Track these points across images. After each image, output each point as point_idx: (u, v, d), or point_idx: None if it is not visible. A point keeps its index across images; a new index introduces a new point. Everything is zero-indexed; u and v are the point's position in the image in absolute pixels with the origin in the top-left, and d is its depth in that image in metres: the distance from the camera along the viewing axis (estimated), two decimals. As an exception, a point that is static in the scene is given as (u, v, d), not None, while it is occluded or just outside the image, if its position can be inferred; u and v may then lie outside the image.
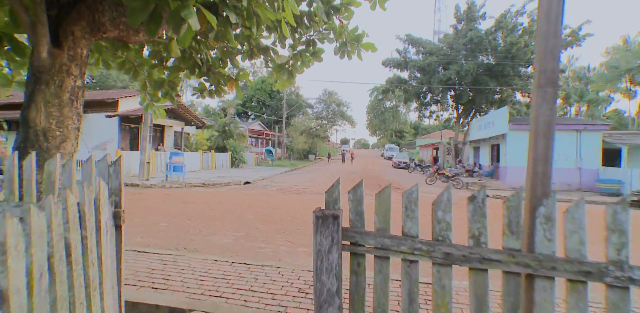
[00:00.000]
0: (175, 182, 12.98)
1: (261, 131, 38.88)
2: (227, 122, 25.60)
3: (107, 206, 1.83)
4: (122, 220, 1.92)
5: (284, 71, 4.45)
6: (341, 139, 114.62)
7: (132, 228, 6.06)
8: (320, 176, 20.62)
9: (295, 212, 7.98)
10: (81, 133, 10.01)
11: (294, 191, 12.94)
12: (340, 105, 45.44)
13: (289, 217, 7.38)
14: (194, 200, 9.37)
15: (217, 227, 6.31)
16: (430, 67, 22.47)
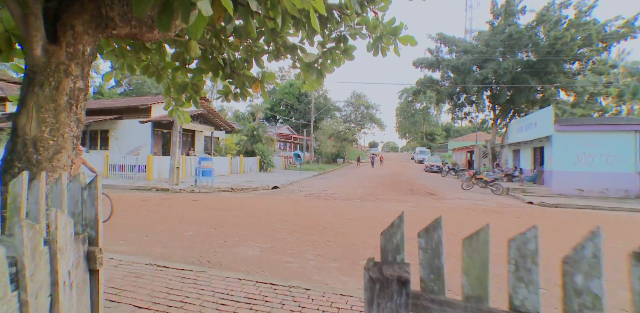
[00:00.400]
0: (204, 187, 12.94)
1: (289, 134, 38.91)
2: (255, 126, 25.69)
3: (71, 248, 1.36)
4: (99, 262, 1.50)
5: (313, 70, 4.02)
6: (369, 142, 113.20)
7: (155, 236, 5.86)
8: (350, 181, 20.08)
9: (325, 221, 7.53)
10: (116, 138, 10.19)
11: (323, 197, 12.51)
12: (369, 107, 44.71)
13: (318, 227, 6.94)
14: (221, 206, 9.17)
15: (243, 237, 5.98)
16: (464, 66, 21.37)
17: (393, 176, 24.78)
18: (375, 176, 23.82)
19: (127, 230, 6.23)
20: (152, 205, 8.90)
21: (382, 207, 10.16)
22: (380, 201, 11.79)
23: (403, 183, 19.32)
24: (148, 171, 14.07)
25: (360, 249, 5.51)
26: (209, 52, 3.84)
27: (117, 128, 20.53)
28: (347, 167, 36.71)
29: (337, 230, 6.78)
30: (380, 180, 20.81)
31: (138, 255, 4.81)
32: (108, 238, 5.68)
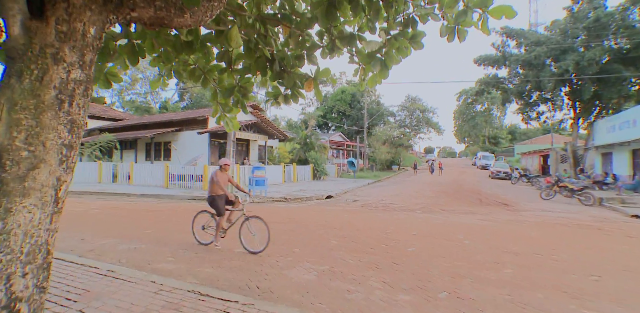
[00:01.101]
0: (258, 197, 12.69)
1: (342, 142, 38.30)
2: (308, 134, 25.46)
3: None
4: None
5: (375, 61, 3.25)
6: (425, 147, 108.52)
7: (205, 253, 5.44)
8: (408, 189, 18.73)
9: (387, 238, 6.61)
10: (175, 149, 9.94)
11: (381, 207, 11.53)
12: (424, 111, 42.53)
13: (380, 245, 6.05)
14: (274, 218, 8.67)
15: (297, 257, 5.32)
16: (537, 60, 18.98)
17: (455, 183, 22.81)
18: (436, 184, 22.09)
19: (178, 245, 5.92)
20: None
21: (451, 220, 8.94)
22: (446, 213, 10.51)
23: (468, 192, 17.51)
24: (204, 181, 14.26)
25: (434, 275, 4.55)
26: (253, 43, 3.25)
27: (178, 140, 21.53)
28: (403, 174, 34.96)
29: (402, 248, 5.85)
30: (442, 188, 19.15)
31: (184, 277, 4.37)
32: (158, 253, 5.38)
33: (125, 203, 11.03)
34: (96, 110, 29.06)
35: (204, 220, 6.05)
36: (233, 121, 4.49)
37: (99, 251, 5.52)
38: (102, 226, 7.34)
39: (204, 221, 6.04)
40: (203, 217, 6.08)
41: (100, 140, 19.30)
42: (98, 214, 8.82)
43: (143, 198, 12.59)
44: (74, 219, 8.12)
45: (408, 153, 46.76)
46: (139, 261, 4.99)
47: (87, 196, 12.75)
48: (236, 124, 4.54)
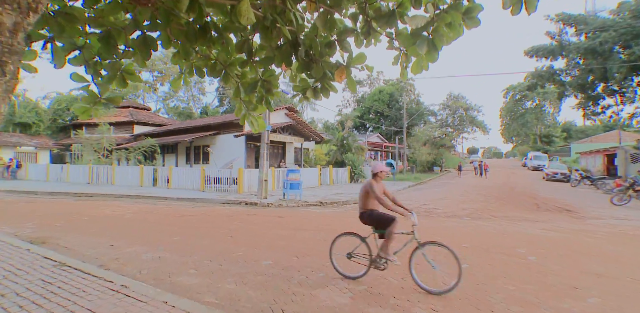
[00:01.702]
0: (292, 201, 12.24)
1: (380, 143, 37.13)
2: (344, 135, 24.79)
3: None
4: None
5: (422, 41, 2.55)
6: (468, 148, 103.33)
7: (229, 265, 4.97)
8: (452, 193, 17.39)
9: (434, 250, 5.77)
10: (211, 152, 9.43)
11: (424, 213, 10.58)
12: (468, 109, 40.06)
13: (426, 260, 5.25)
14: (307, 225, 8.11)
15: (329, 273, 4.69)
16: (603, 46, 16.83)
17: (505, 186, 20.96)
18: (483, 187, 20.42)
19: (203, 254, 5.52)
20: (236, 222, 8.33)
21: (506, 229, 7.83)
22: (498, 219, 9.36)
23: (522, 195, 15.87)
24: (239, 185, 14.09)
25: (497, 303, 3.72)
26: (269, 21, 2.68)
27: (215, 143, 21.80)
28: (446, 176, 33.06)
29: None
30: (491, 192, 17.58)
31: (203, 294, 3.90)
32: (181, 264, 5.00)
33: (161, 207, 11.04)
34: (142, 116, 30.50)
35: (348, 244, 4.65)
36: (258, 121, 4.03)
37: (123, 260, 5.25)
38: (133, 232, 7.19)
39: (350, 246, 4.61)
40: (347, 241, 4.67)
41: (142, 145, 19.99)
42: (133, 219, 8.79)
43: (179, 201, 12.62)
44: (109, 224, 8.11)
45: (450, 154, 44.40)
46: (160, 273, 4.62)
47: (126, 200, 13.04)
48: (262, 124, 4.07)
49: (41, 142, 27.13)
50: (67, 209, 10.50)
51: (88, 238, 6.65)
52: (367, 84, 50.73)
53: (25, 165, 22.29)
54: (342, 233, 4.76)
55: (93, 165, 18.76)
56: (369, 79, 50.24)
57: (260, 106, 3.88)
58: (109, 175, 17.95)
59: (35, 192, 15.25)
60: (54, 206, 11.16)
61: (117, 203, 11.90)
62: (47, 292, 3.68)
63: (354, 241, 4.59)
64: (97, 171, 18.46)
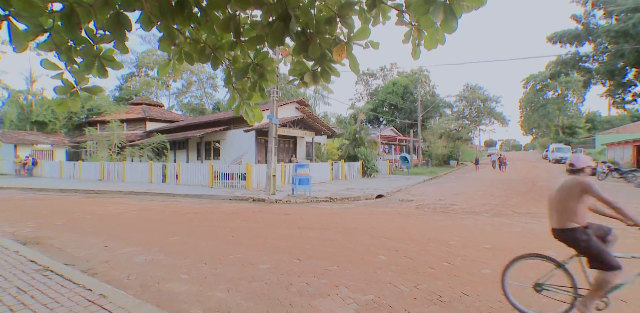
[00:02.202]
0: (301, 197, 11.79)
1: (394, 136, 36.24)
2: (357, 129, 24.13)
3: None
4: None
5: (437, 7, 1.95)
6: (485, 140, 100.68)
7: (224, 269, 4.55)
8: (470, 187, 16.61)
9: (451, 252, 5.21)
10: (219, 147, 9.07)
11: (440, 209, 9.96)
12: (486, 100, 38.55)
13: (442, 263, 4.70)
14: (314, 223, 7.64)
15: (333, 278, 4.20)
16: (637, 28, 15.56)
17: (526, 179, 19.97)
18: (502, 181, 19.51)
19: (199, 256, 5.12)
20: (239, 220, 7.93)
21: (531, 228, 7.16)
22: (520, 216, 8.66)
23: (545, 190, 14.95)
24: (247, 180, 13.74)
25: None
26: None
27: (226, 139, 21.54)
28: (463, 170, 32.02)
29: (473, 270, 4.44)
30: (511, 186, 16.72)
31: (190, 304, 3.49)
32: (173, 268, 4.62)
33: (166, 204, 10.79)
34: (154, 113, 30.60)
35: (533, 270, 3.50)
36: (254, 111, 3.55)
37: (114, 262, 4.91)
38: (132, 231, 6.89)
39: (536, 273, 3.35)
40: (530, 266, 3.44)
41: (152, 141, 19.91)
42: (135, 217, 8.52)
43: (186, 198, 12.37)
44: (110, 222, 7.85)
45: (467, 147, 43.05)
46: (148, 279, 4.24)
47: (133, 197, 12.87)
48: (258, 114, 3.58)
49: (57, 140, 27.55)
50: (72, 207, 10.36)
51: (84, 238, 6.37)
52: (381, 76, 49.62)
53: (40, 163, 22.62)
54: (522, 256, 3.33)
55: (104, 162, 18.79)
56: (382, 71, 49.08)
57: (255, 95, 3.42)
58: (119, 172, 17.93)
59: (47, 189, 15.31)
60: (60, 204, 11.06)
61: (123, 200, 11.73)
62: (16, 303, 3.33)
63: (545, 267, 3.26)
64: (108, 168, 18.48)
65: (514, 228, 7.06)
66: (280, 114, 21.39)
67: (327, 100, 45.34)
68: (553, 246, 5.64)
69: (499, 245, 5.65)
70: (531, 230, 6.95)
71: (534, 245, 5.66)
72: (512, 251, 5.34)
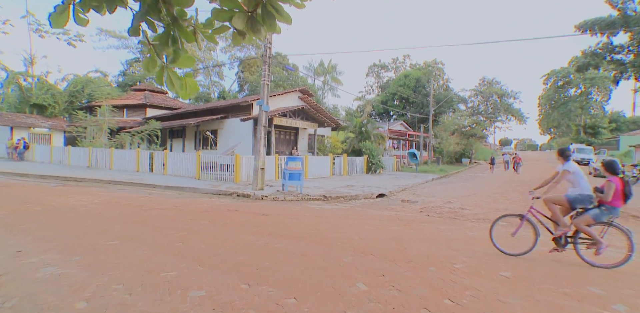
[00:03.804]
0: (291, 193, 10.54)
1: (403, 131, 34.56)
2: (363, 122, 22.66)
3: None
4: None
5: None
6: (500, 139, 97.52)
7: (139, 298, 3.30)
8: (482, 188, 15.10)
9: (456, 280, 3.86)
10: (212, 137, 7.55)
11: (447, 213, 8.58)
12: (503, 96, 36.34)
13: (443, 301, 3.35)
14: (289, 229, 6.36)
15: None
16: (685, 13, 13.65)
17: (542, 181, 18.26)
18: (519, 182, 17.89)
19: (123, 272, 3.89)
20: (204, 221, 6.70)
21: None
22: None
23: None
24: (236, 173, 12.53)
25: None
26: None
27: (223, 127, 20.38)
28: (476, 169, 30.28)
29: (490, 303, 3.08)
30: (529, 188, 15.08)
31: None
32: (74, 291, 3.40)
33: (138, 197, 9.66)
34: (156, 99, 29.61)
35: None
36: (186, 81, 2.38)
37: (7, 277, 3.73)
38: (68, 231, 5.72)
39: None
40: None
41: (144, 128, 18.87)
42: (89, 211, 7.37)
43: (166, 191, 11.25)
44: (54, 217, 6.72)
45: (481, 145, 41.04)
46: (27, 308, 3.03)
47: (110, 187, 11.82)
48: (193, 85, 2.49)
49: (55, 124, 26.85)
50: (33, 196, 9.32)
51: (5, 237, 5.23)
52: (393, 68, 47.54)
53: (32, 147, 21.88)
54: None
55: (93, 149, 17.84)
56: (394, 63, 46.99)
57: (181, 57, 2.35)
58: (107, 159, 16.96)
59: (28, 175, 14.43)
60: (25, 192, 10.05)
61: (95, 191, 10.66)
62: None
63: None
64: (97, 154, 17.53)
65: (540, 245, 5.64)
66: (282, 103, 20.08)
67: (336, 92, 43.78)
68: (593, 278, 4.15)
69: (522, 272, 4.27)
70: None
71: (567, 273, 4.26)
72: (542, 281, 3.95)
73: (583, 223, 4.50)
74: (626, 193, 4.42)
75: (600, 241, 4.40)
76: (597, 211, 4.48)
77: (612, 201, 4.41)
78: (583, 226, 4.50)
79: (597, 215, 4.47)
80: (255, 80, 36.56)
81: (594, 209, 4.53)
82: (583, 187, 4.68)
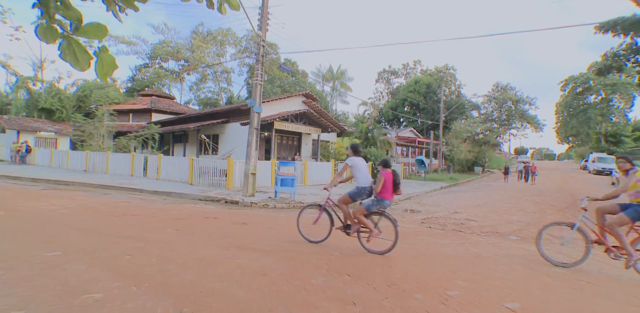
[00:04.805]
0: (283, 200, 9.80)
1: (413, 138, 33.53)
2: (369, 127, 21.87)
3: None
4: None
5: None
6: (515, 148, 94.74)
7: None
8: (494, 197, 14.04)
9: (451, 305, 3.02)
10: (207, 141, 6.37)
11: (451, 225, 7.69)
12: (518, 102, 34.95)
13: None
14: (263, 241, 5.61)
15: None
16: None
17: (563, 192, 17.04)
18: (534, 192, 16.71)
19: (35, 293, 3.20)
20: (171, 230, 6.01)
21: (585, 266, 4.80)
22: (565, 244, 6.24)
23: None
24: (228, 178, 11.88)
25: None
26: None
27: (224, 132, 19.90)
28: (489, 178, 28.94)
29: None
30: (546, 198, 14.00)
31: None
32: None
33: (117, 202, 9.07)
34: (162, 105, 29.52)
35: None
36: (102, 57, 1.74)
37: None
38: (15, 239, 5.11)
39: None
40: None
41: (143, 133, 18.54)
42: (55, 217, 6.79)
43: (152, 196, 10.67)
44: (13, 223, 6.14)
45: (495, 153, 39.54)
46: None
47: (95, 191, 11.31)
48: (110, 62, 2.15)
49: (62, 128, 26.92)
50: (8, 200, 8.83)
51: (-62, 246, 4.63)
52: (403, 74, 46.73)
53: (34, 150, 21.81)
54: None
55: (90, 152, 17.53)
56: (404, 69, 46.18)
57: (88, 26, 1.81)
58: (103, 163, 16.58)
59: (20, 178, 14.12)
60: (4, 196, 9.61)
61: (77, 195, 10.15)
62: None
63: None
64: (94, 158, 17.20)
65: (556, 267, 4.72)
66: (285, 107, 19.51)
67: (345, 98, 43.16)
68: None
69: (532, 303, 3.39)
70: (585, 271, 4.59)
71: (588, 304, 3.35)
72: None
73: (358, 213, 4.82)
74: (396, 185, 4.83)
75: (372, 230, 4.76)
76: (371, 202, 4.81)
77: (380, 193, 4.73)
78: (359, 215, 4.80)
79: (370, 205, 4.79)
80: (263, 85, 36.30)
81: (367, 200, 4.88)
82: None
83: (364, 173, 5.00)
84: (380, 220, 4.90)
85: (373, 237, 4.73)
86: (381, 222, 4.89)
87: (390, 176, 4.80)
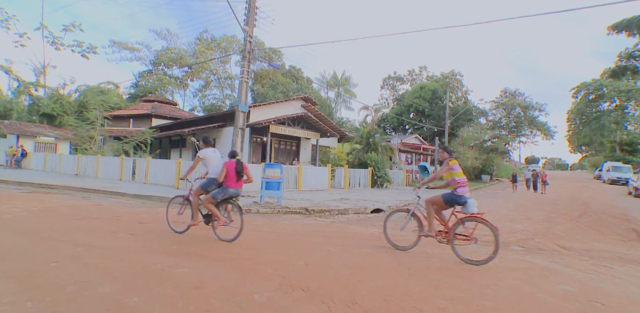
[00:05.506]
0: (268, 205, 9.13)
1: (418, 145, 32.64)
2: (371, 132, 21.16)
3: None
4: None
5: None
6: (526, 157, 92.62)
7: None
8: (501, 205, 13.14)
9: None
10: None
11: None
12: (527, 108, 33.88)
13: None
14: (222, 249, 4.92)
15: None
16: None
17: (576, 200, 15.97)
18: (544, 200, 15.71)
19: None
20: (129, 233, 5.37)
21: (597, 283, 3.99)
22: (573, 255, 5.51)
23: (605, 215, 11.21)
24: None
25: None
26: None
27: (221, 136, 19.41)
28: (496, 186, 27.83)
29: None
30: (557, 207, 13.03)
31: None
32: None
33: (87, 205, 8.50)
34: (163, 110, 29.38)
35: None
36: None
37: None
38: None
39: None
40: None
41: (136, 137, 18.16)
42: (8, 219, 6.20)
43: (132, 199, 10.09)
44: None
45: (503, 161, 38.29)
46: None
47: (76, 194, 10.78)
48: None
49: (62, 133, 26.82)
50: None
51: None
52: (408, 81, 46.11)
53: (29, 154, 21.60)
54: None
55: (82, 156, 17.17)
56: (410, 75, 45.58)
57: None
58: (94, 167, 16.16)
59: (7, 181, 13.71)
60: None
61: (51, 197, 9.62)
62: None
63: None
64: (85, 162, 16.81)
65: (564, 283, 3.92)
66: (283, 111, 18.99)
67: (350, 105, 42.57)
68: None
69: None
70: (598, 290, 3.77)
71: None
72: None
73: (207, 202, 4.96)
74: (238, 173, 4.99)
75: (220, 218, 4.98)
76: (217, 191, 5.00)
77: (225, 182, 4.96)
78: (207, 204, 4.96)
79: (215, 193, 4.97)
80: (266, 91, 36.03)
81: (216, 189, 5.03)
82: None
83: (215, 165, 5.15)
84: (232, 210, 5.16)
85: (219, 225, 4.98)
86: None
87: (233, 166, 4.97)
